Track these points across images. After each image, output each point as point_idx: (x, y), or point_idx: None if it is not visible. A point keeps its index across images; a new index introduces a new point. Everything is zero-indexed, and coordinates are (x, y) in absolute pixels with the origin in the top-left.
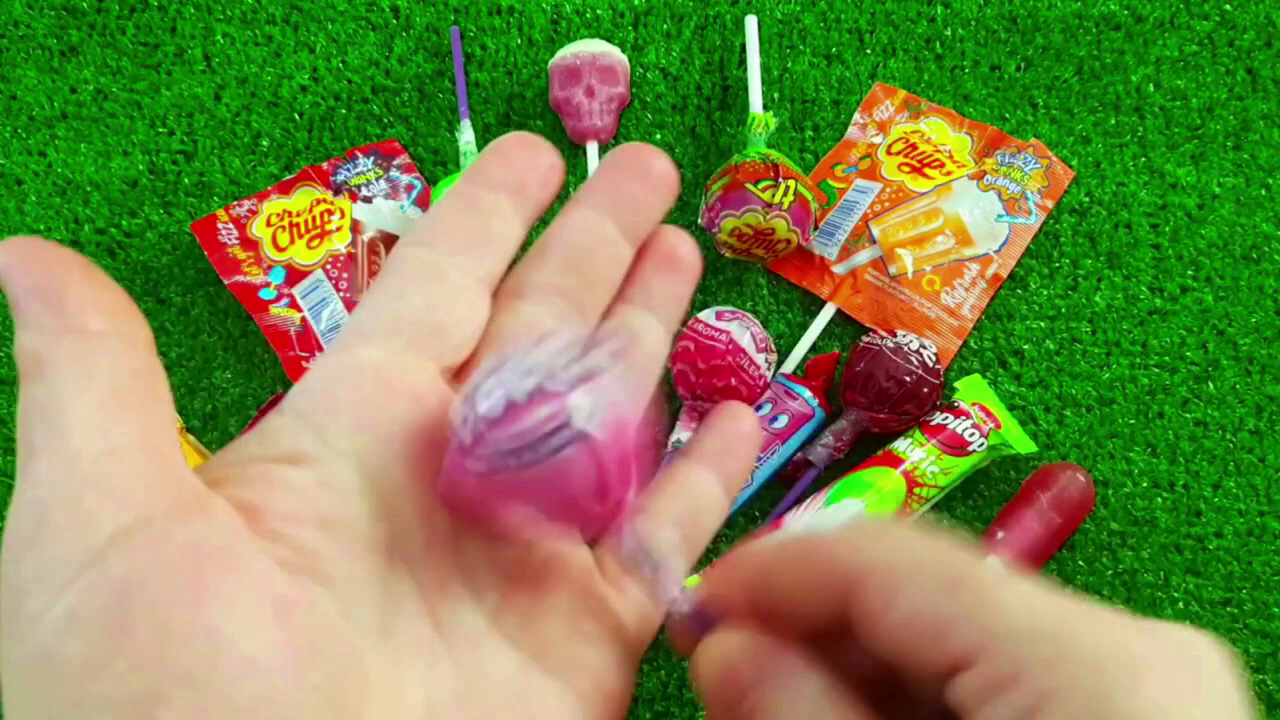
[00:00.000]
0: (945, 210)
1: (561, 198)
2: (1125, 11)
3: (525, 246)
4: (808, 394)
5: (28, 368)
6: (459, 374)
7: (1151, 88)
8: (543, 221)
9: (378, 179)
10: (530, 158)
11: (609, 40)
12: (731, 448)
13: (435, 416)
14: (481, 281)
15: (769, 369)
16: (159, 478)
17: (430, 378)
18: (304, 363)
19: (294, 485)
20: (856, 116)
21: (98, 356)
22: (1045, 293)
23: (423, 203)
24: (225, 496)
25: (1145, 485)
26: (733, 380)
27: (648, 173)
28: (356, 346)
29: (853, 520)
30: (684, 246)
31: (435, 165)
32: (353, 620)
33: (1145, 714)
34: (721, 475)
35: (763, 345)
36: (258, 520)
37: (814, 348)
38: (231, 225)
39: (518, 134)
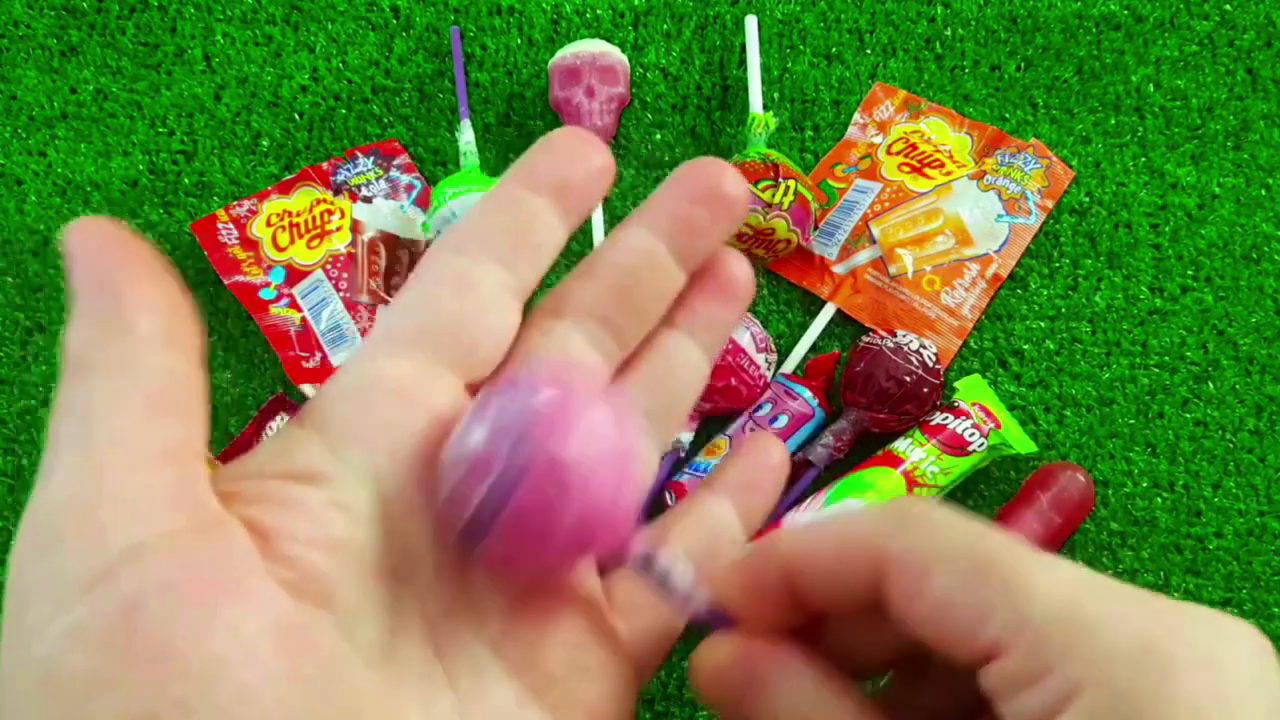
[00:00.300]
0: (945, 210)
1: None
2: (1125, 11)
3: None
4: (808, 394)
5: (71, 363)
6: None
7: (1151, 88)
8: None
9: (378, 179)
10: (580, 156)
11: (609, 40)
12: (757, 482)
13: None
14: (514, 293)
15: (769, 369)
16: (178, 496)
17: (453, 394)
18: (304, 363)
19: (307, 506)
20: (856, 116)
21: (141, 362)
22: (1045, 293)
23: (422, 203)
24: (240, 516)
25: (1145, 485)
26: (733, 380)
27: (714, 193)
28: (381, 356)
29: (886, 503)
30: (740, 272)
31: (435, 165)
32: (354, 646)
33: (1174, 713)
34: (742, 510)
35: (763, 345)
36: (270, 543)
37: (814, 348)
38: (231, 225)
39: (571, 129)
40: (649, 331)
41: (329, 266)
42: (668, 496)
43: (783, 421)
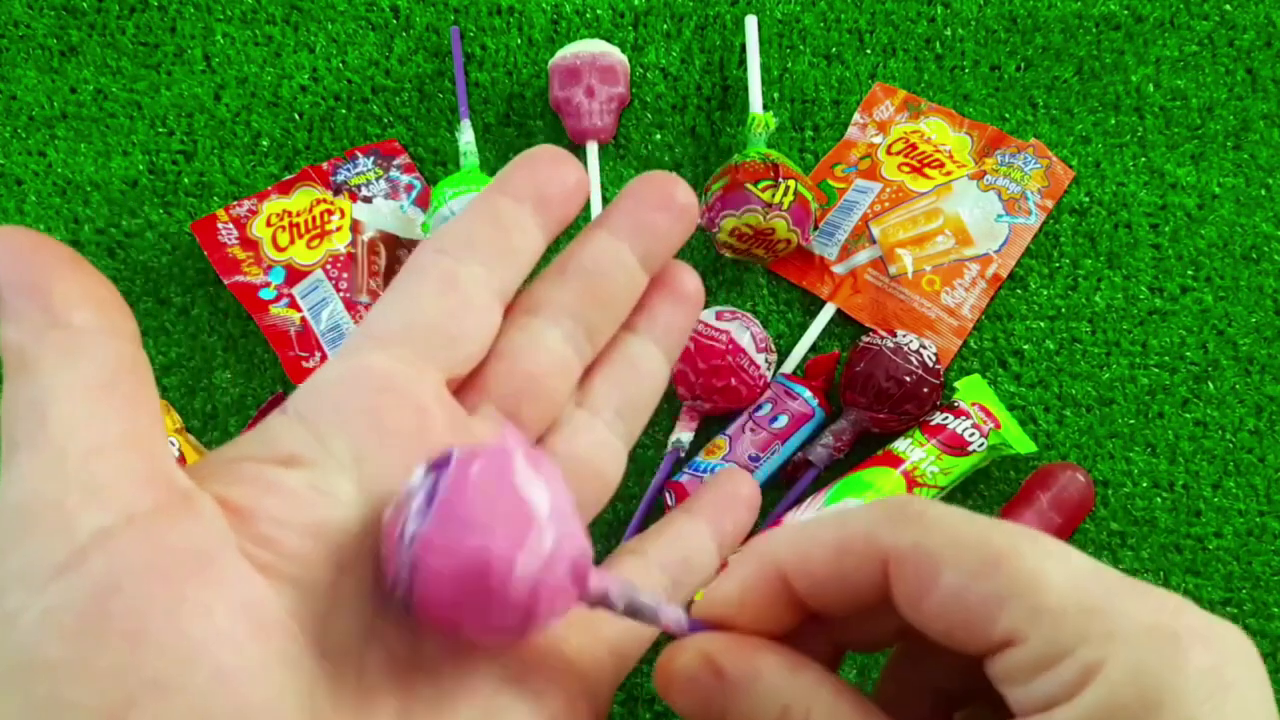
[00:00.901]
0: (945, 210)
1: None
2: (1125, 11)
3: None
4: (808, 394)
5: (12, 362)
6: (464, 386)
7: (1151, 88)
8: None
9: (378, 179)
10: (558, 172)
11: (609, 40)
12: (730, 509)
13: (434, 430)
14: (497, 294)
15: (769, 369)
16: (144, 475)
17: (435, 389)
18: (304, 363)
19: (286, 488)
20: (856, 116)
21: (83, 352)
22: (1045, 293)
23: (422, 203)
24: (214, 494)
25: (1145, 485)
26: (733, 380)
27: (670, 202)
28: (366, 351)
29: (880, 501)
30: (691, 283)
31: (435, 165)
32: (332, 631)
33: (1188, 687)
34: (715, 530)
35: (763, 345)
36: (246, 523)
37: (814, 348)
38: (231, 225)
39: (548, 147)
40: (614, 333)
41: (329, 266)
42: (667, 497)
43: (783, 421)
